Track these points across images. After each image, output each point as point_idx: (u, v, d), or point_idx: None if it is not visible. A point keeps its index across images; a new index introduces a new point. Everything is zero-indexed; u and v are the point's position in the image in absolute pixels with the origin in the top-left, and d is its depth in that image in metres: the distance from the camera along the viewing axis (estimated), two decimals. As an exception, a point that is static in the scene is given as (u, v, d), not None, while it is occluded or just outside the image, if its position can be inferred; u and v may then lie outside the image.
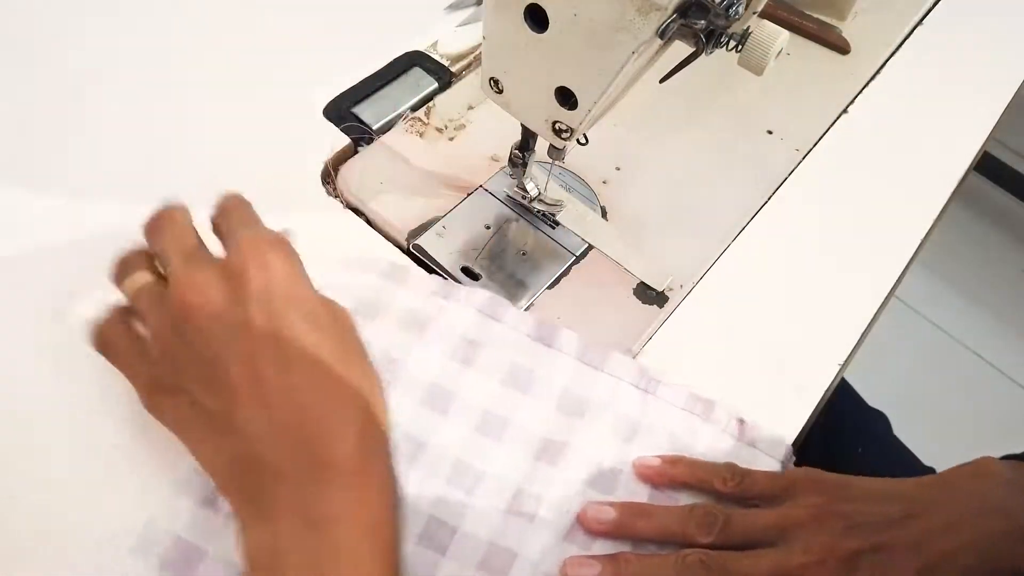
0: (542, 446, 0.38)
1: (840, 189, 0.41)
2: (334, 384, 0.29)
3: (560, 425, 0.38)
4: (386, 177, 0.46)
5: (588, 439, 0.38)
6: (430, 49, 0.54)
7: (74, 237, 0.42)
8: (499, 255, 0.45)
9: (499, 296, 0.41)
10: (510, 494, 0.36)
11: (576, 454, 0.37)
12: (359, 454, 0.28)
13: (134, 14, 0.53)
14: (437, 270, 0.43)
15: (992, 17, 0.63)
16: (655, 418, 0.39)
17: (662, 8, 0.29)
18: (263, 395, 0.28)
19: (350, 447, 0.28)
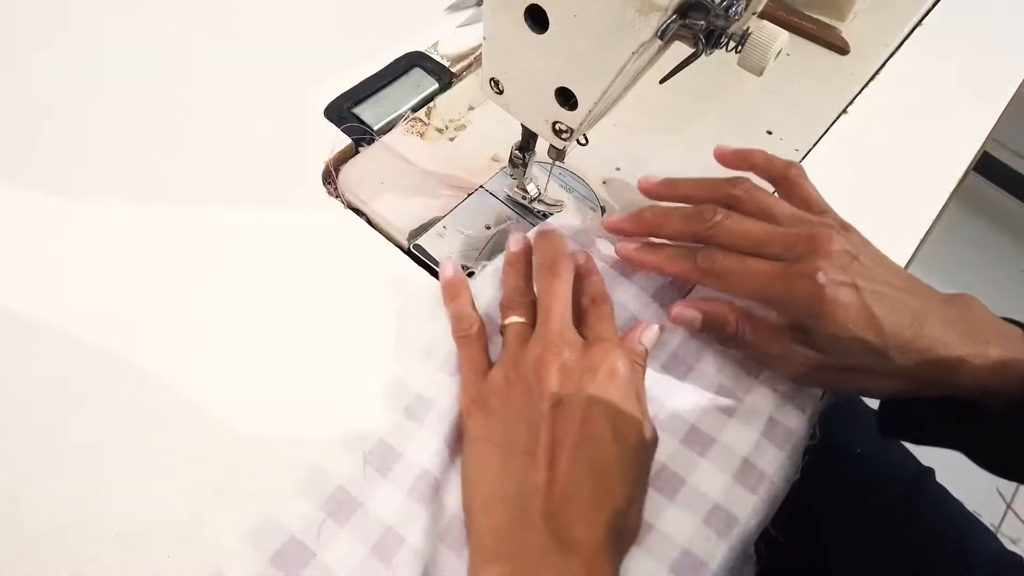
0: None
1: (839, 189, 0.41)
2: (606, 486, 0.33)
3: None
4: (386, 177, 0.47)
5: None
6: (430, 49, 0.54)
7: (74, 237, 0.42)
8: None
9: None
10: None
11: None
12: (601, 544, 0.32)
13: (135, 14, 0.53)
14: (438, 270, 0.43)
15: (992, 17, 0.63)
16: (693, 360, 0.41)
17: (662, 8, 0.29)
18: (556, 465, 0.33)
19: (596, 536, 0.32)
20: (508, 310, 0.39)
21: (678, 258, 0.40)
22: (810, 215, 0.39)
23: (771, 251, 0.37)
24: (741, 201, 0.40)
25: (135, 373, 0.38)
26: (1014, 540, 1.20)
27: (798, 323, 0.37)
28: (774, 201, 0.40)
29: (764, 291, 0.37)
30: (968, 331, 0.36)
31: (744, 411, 0.39)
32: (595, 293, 0.40)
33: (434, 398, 0.38)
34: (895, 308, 0.35)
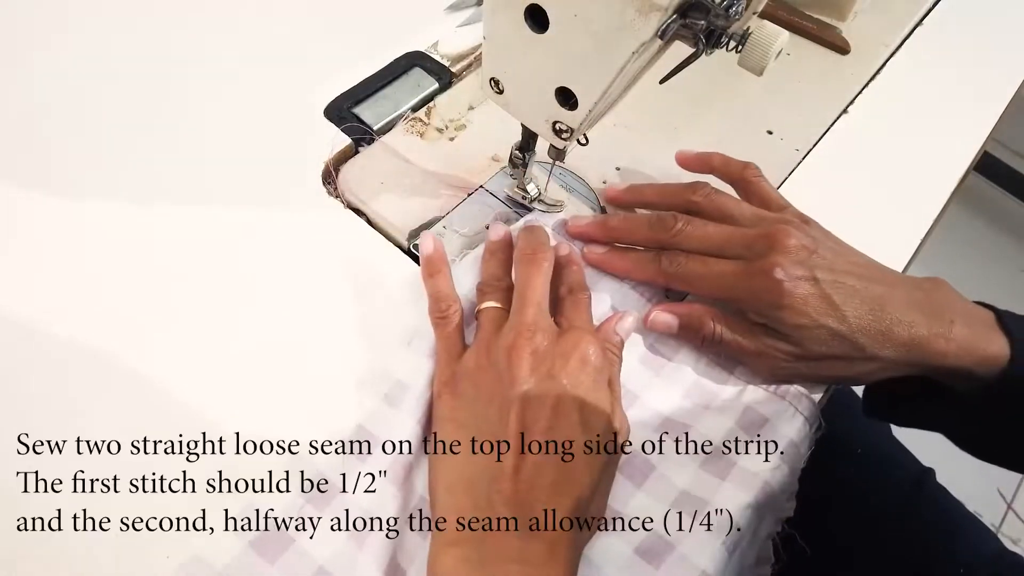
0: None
1: (840, 189, 0.42)
2: (573, 473, 0.33)
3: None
4: (386, 177, 0.46)
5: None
6: (430, 49, 0.54)
7: (74, 236, 0.42)
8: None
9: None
10: None
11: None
12: (563, 529, 0.32)
13: (134, 14, 0.53)
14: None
15: (992, 17, 0.63)
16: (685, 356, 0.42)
17: (662, 8, 0.29)
18: (520, 451, 0.33)
19: (559, 521, 0.32)
20: (484, 295, 0.40)
21: (644, 263, 0.41)
22: (769, 213, 0.41)
23: (733, 252, 0.39)
24: (702, 206, 0.41)
25: (134, 372, 0.38)
26: (1015, 540, 1.20)
27: (764, 319, 0.39)
28: (734, 203, 0.41)
29: (728, 291, 0.39)
30: (932, 311, 0.37)
31: (719, 403, 0.40)
32: (573, 283, 0.41)
33: (411, 383, 0.39)
34: (855, 294, 0.37)
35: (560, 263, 0.42)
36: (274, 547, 0.34)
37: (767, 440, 0.38)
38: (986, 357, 0.37)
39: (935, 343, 0.37)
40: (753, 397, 0.40)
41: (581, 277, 0.41)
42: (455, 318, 0.39)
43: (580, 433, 0.34)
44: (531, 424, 0.33)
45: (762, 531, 0.39)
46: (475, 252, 0.43)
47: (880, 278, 0.39)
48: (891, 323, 0.37)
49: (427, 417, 0.38)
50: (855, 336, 0.37)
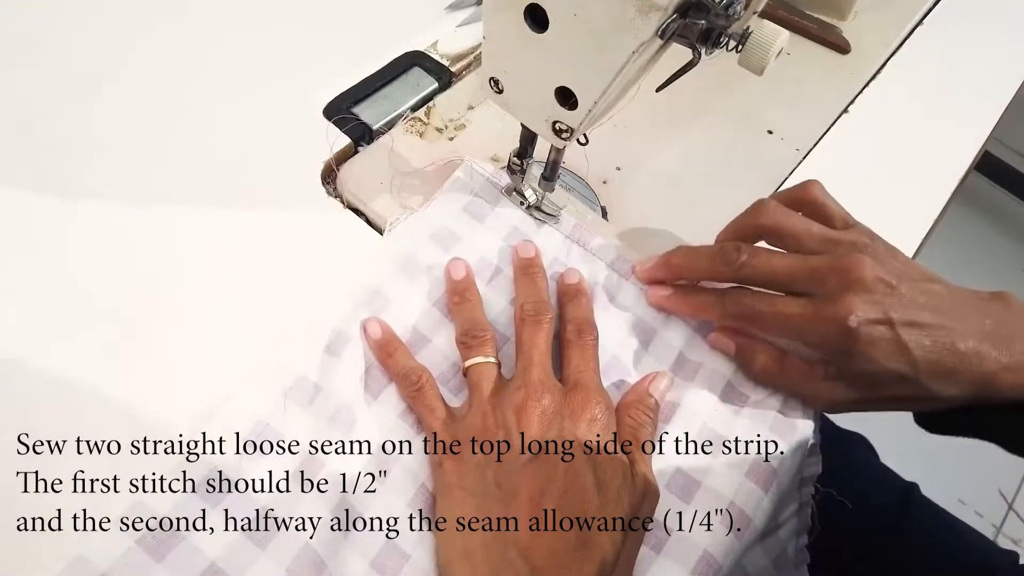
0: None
1: (840, 189, 0.41)
2: (592, 536, 0.32)
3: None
4: (386, 177, 0.46)
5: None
6: (430, 49, 0.54)
7: (74, 236, 0.42)
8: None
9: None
10: None
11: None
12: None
13: (135, 14, 0.53)
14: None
15: (992, 17, 0.63)
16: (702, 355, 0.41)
17: (662, 8, 0.29)
18: (540, 515, 0.32)
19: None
20: (470, 349, 0.38)
21: (708, 304, 0.40)
22: (839, 234, 0.38)
23: (801, 287, 0.37)
24: (769, 230, 0.39)
25: (135, 372, 0.38)
26: (1015, 540, 1.20)
27: (831, 360, 0.37)
28: (802, 224, 0.39)
29: (796, 333, 0.37)
30: (1003, 340, 0.35)
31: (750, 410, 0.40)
32: (582, 322, 0.39)
33: (351, 333, 0.39)
34: (928, 333, 0.35)
35: (568, 294, 0.41)
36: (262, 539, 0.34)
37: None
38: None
39: (1005, 377, 0.35)
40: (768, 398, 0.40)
41: (589, 313, 0.40)
42: (428, 384, 0.38)
43: (596, 495, 0.33)
44: (546, 486, 0.33)
45: (789, 496, 0.39)
46: (421, 214, 0.44)
47: (951, 307, 0.36)
48: (960, 362, 0.35)
49: (364, 367, 0.39)
50: (922, 379, 0.35)
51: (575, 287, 0.41)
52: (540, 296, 0.40)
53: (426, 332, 0.41)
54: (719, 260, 0.39)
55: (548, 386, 0.36)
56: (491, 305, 0.41)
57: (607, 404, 0.36)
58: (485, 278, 0.42)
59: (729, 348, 0.40)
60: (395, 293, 0.41)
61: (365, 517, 0.35)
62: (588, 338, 0.39)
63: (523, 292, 0.41)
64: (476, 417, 0.36)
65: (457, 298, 0.40)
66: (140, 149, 0.46)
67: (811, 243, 0.38)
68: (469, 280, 0.41)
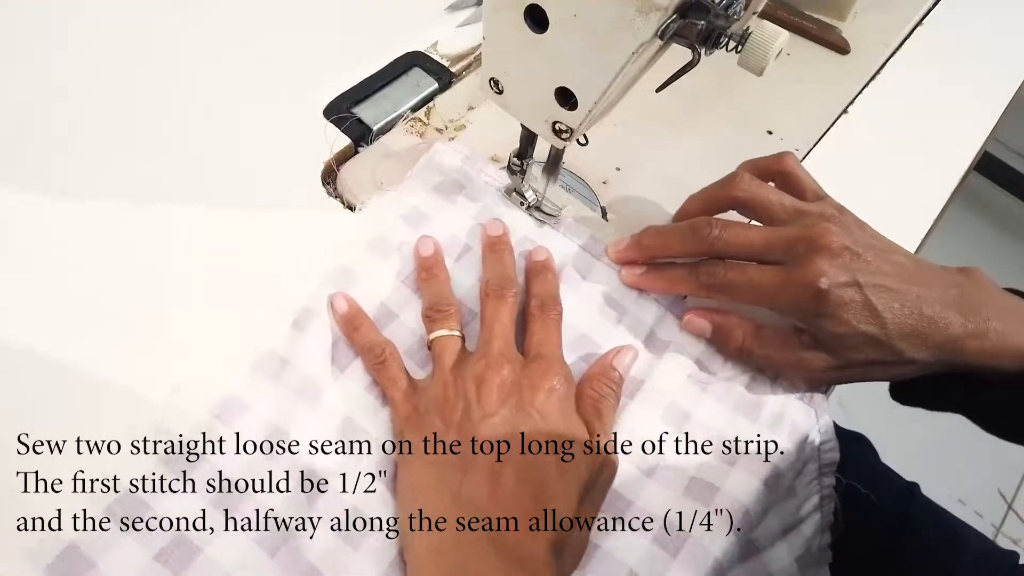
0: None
1: (840, 189, 0.42)
2: (549, 503, 0.33)
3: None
4: (386, 177, 0.46)
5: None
6: (430, 49, 0.54)
7: (73, 236, 0.42)
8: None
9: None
10: None
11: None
12: (545, 559, 0.32)
13: (135, 14, 0.53)
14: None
15: (992, 17, 0.63)
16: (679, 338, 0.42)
17: (662, 8, 0.29)
18: (498, 481, 0.33)
19: (540, 551, 0.32)
20: (434, 322, 0.39)
21: (681, 279, 0.41)
22: (808, 206, 0.40)
23: (773, 257, 0.38)
24: (743, 201, 0.40)
25: (135, 372, 0.38)
26: (1015, 540, 1.20)
27: (805, 326, 0.38)
28: (775, 195, 0.40)
29: (769, 300, 0.38)
30: (969, 309, 0.37)
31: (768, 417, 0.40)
32: (545, 297, 0.40)
33: (318, 308, 0.40)
34: (895, 297, 0.36)
35: (534, 270, 0.42)
36: (182, 460, 0.35)
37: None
38: (1020, 354, 0.36)
39: (969, 343, 0.36)
40: (797, 412, 0.40)
41: (554, 289, 0.41)
42: (392, 357, 0.38)
43: (554, 463, 0.33)
44: (504, 454, 0.33)
45: (801, 489, 0.39)
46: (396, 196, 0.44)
47: (918, 276, 0.38)
48: (927, 325, 0.36)
49: (332, 341, 0.39)
50: (893, 341, 0.36)
51: (542, 264, 0.42)
52: (506, 272, 0.41)
53: (394, 308, 0.41)
54: (692, 237, 0.39)
55: (509, 357, 0.37)
56: (459, 282, 0.42)
57: (566, 375, 0.37)
58: (454, 255, 0.43)
59: (705, 330, 0.41)
60: (364, 270, 0.42)
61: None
62: (551, 313, 0.39)
63: (489, 268, 0.41)
64: (437, 387, 0.37)
65: (425, 274, 0.41)
66: (140, 149, 0.46)
67: (782, 215, 0.39)
68: (437, 257, 0.42)
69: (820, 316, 0.36)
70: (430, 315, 0.39)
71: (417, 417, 0.36)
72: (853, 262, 0.36)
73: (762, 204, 0.40)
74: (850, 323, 0.36)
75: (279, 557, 0.34)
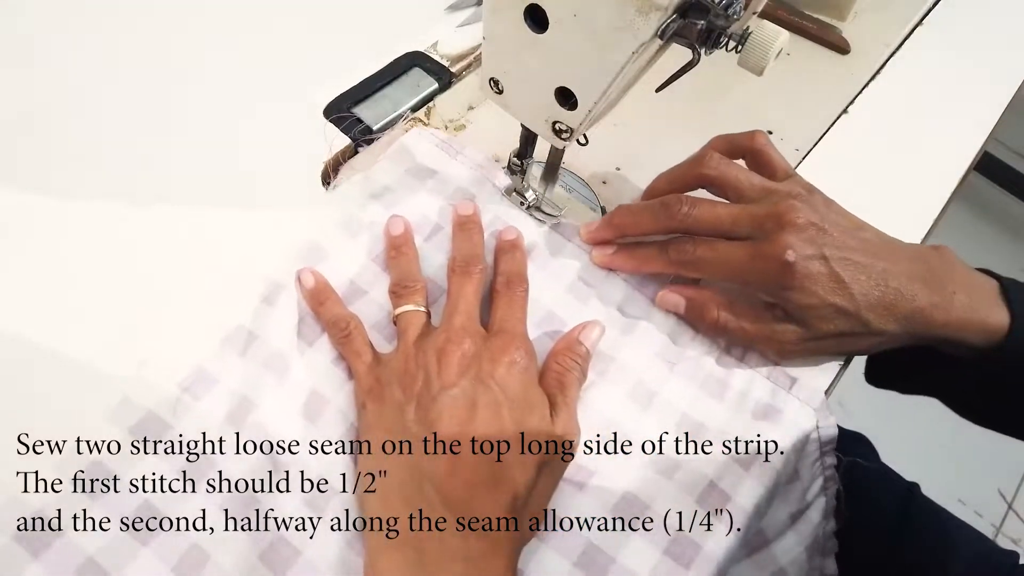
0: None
1: (840, 189, 0.42)
2: (507, 472, 0.33)
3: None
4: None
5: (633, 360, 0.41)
6: (430, 49, 0.54)
7: (75, 236, 0.42)
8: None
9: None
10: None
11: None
12: (501, 527, 0.32)
13: (135, 14, 0.53)
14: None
15: (992, 17, 0.63)
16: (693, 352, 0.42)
17: (662, 8, 0.29)
18: (454, 451, 0.33)
19: (497, 519, 0.32)
20: (400, 298, 0.40)
21: (651, 256, 0.41)
22: (776, 185, 0.40)
23: (742, 232, 0.39)
24: (712, 179, 0.41)
25: (134, 372, 0.38)
26: (1015, 540, 1.20)
27: (774, 299, 0.39)
28: (743, 174, 0.41)
29: (738, 275, 0.39)
30: (934, 282, 0.38)
31: (733, 396, 0.40)
32: (511, 274, 0.41)
33: (286, 283, 0.40)
34: (862, 270, 0.37)
35: (503, 248, 0.42)
36: (153, 431, 0.36)
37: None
38: (986, 328, 0.38)
39: (935, 314, 0.37)
40: (761, 389, 0.41)
41: (521, 267, 0.41)
42: (357, 331, 0.39)
43: (513, 433, 0.34)
44: (463, 423, 0.34)
45: (804, 473, 0.39)
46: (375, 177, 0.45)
47: (884, 251, 0.39)
48: (894, 297, 0.37)
49: (300, 317, 0.40)
50: (861, 312, 0.37)
51: (511, 243, 0.42)
52: (474, 250, 0.41)
53: (363, 285, 0.42)
54: (663, 214, 0.40)
55: (471, 331, 0.37)
56: (429, 261, 0.43)
57: (528, 350, 0.37)
58: (424, 234, 0.44)
59: (679, 305, 0.41)
60: (334, 248, 0.42)
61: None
62: (517, 290, 0.40)
63: (458, 246, 0.42)
64: (399, 360, 0.37)
65: (394, 252, 0.42)
66: (140, 149, 0.46)
67: (750, 193, 0.40)
68: (407, 236, 0.42)
69: (788, 289, 0.37)
70: (396, 291, 0.40)
71: (379, 388, 0.37)
72: (819, 236, 0.37)
73: (730, 182, 0.40)
74: (817, 294, 0.37)
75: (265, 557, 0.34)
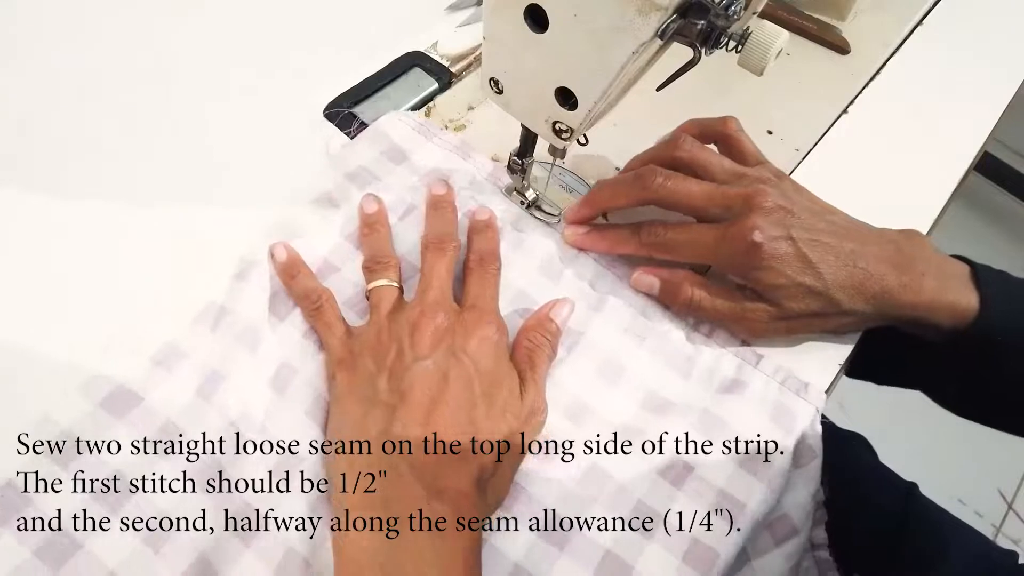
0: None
1: (840, 189, 0.42)
2: (475, 442, 0.34)
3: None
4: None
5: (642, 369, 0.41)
6: (430, 49, 0.54)
7: (75, 236, 0.42)
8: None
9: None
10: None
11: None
12: (468, 492, 0.33)
13: (135, 14, 0.53)
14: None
15: (992, 17, 0.63)
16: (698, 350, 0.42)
17: (662, 8, 0.29)
18: (426, 419, 0.34)
19: (463, 485, 0.33)
20: (373, 273, 0.40)
21: (623, 238, 0.42)
22: (747, 169, 0.41)
23: (713, 212, 0.39)
24: (684, 161, 0.41)
25: (135, 372, 0.38)
26: (1015, 540, 1.20)
27: (744, 280, 0.39)
28: (715, 158, 0.42)
29: (708, 256, 0.40)
30: (904, 264, 0.39)
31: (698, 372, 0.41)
32: (484, 252, 0.41)
33: (258, 259, 0.41)
34: (830, 251, 0.38)
35: (476, 228, 0.43)
36: (123, 405, 0.36)
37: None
38: (955, 311, 0.38)
39: (904, 295, 0.38)
40: (728, 365, 0.41)
41: (494, 245, 0.42)
42: (328, 304, 0.39)
43: (482, 405, 0.35)
44: (434, 394, 0.34)
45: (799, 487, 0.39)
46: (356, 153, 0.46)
47: (854, 233, 0.39)
48: (863, 277, 0.38)
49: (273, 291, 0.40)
50: (830, 292, 0.38)
51: (484, 222, 0.43)
52: (447, 228, 0.42)
53: (336, 262, 0.42)
54: (638, 185, 0.40)
55: (444, 306, 0.38)
56: (403, 239, 0.43)
57: (500, 326, 0.38)
58: (398, 213, 0.44)
59: (653, 285, 0.42)
60: (307, 226, 0.43)
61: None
62: (490, 267, 0.41)
63: (431, 224, 0.43)
64: (371, 332, 0.38)
65: (367, 229, 0.42)
66: (140, 149, 0.46)
67: (721, 176, 0.41)
68: (381, 214, 0.43)
69: (756, 269, 0.38)
70: (369, 267, 0.41)
71: (351, 359, 0.37)
72: (787, 219, 0.38)
73: (702, 165, 0.41)
74: (785, 274, 0.37)
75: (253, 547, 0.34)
